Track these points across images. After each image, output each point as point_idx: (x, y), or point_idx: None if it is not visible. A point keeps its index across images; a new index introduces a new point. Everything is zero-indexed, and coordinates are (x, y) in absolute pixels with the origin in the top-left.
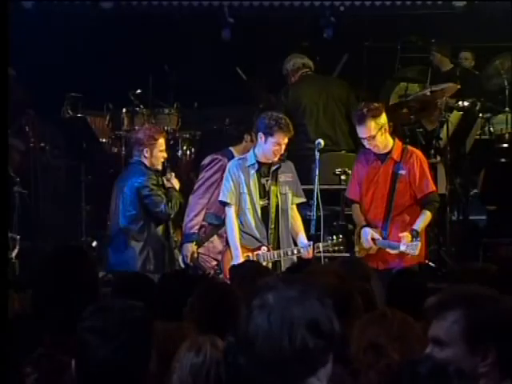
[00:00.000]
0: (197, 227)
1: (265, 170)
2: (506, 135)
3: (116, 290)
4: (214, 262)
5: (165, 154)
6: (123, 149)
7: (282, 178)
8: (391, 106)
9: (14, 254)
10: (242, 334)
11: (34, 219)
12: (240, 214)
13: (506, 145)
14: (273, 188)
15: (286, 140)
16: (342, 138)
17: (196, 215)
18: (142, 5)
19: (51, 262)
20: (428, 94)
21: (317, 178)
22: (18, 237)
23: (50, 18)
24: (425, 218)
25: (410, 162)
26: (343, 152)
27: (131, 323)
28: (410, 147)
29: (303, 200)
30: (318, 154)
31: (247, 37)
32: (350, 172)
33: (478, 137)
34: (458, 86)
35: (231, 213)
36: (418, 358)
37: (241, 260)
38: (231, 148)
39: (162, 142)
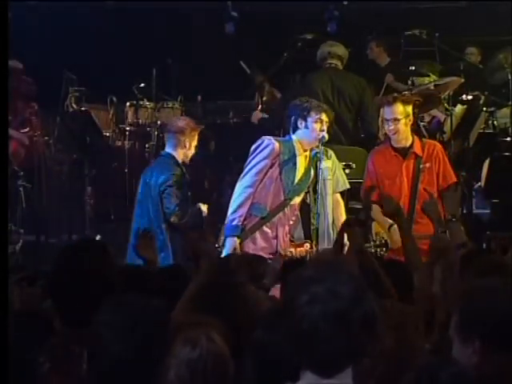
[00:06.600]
0: (241, 219)
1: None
2: (510, 129)
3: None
4: None
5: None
6: (127, 142)
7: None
8: None
9: (17, 248)
10: (289, 324)
11: (38, 213)
12: None
13: (509, 138)
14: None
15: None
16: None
17: (240, 206)
18: None
19: (70, 255)
20: (432, 87)
21: (320, 171)
22: (22, 230)
23: (54, 11)
24: (456, 200)
25: (435, 154)
26: (347, 146)
27: (146, 322)
28: (427, 140)
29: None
30: (322, 148)
31: (251, 31)
32: (354, 166)
33: (481, 130)
34: (462, 80)
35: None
36: (438, 361)
37: None
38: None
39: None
